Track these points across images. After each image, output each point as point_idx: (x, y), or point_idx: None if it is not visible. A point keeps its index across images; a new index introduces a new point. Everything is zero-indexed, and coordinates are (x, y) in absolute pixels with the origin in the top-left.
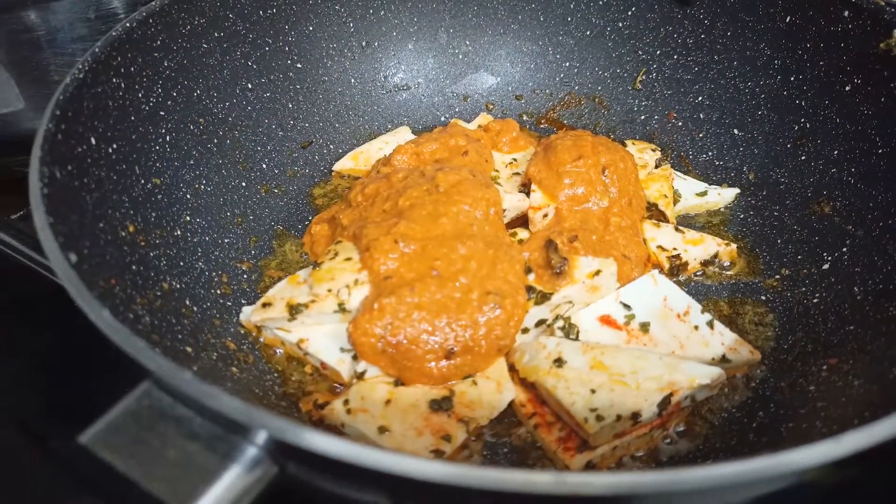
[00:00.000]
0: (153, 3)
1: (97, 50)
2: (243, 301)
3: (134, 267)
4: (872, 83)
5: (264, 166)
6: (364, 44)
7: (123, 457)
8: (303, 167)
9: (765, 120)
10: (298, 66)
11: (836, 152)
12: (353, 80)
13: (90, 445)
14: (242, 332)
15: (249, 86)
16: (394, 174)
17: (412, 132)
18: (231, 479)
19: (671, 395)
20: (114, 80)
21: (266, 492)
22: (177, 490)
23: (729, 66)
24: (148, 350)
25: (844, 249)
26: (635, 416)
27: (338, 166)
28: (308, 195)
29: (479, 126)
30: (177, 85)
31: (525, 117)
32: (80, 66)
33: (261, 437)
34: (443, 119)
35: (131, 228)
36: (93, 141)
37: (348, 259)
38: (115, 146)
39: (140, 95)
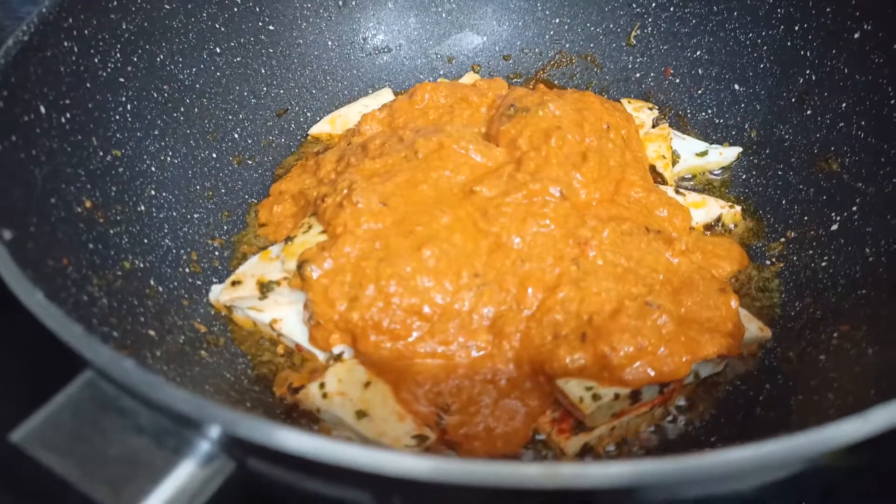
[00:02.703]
0: None
1: (44, 10)
2: (214, 280)
3: (91, 245)
4: (884, 28)
5: (236, 136)
6: (341, 3)
7: (61, 456)
8: (278, 136)
9: (767, 73)
10: (271, 27)
11: (843, 105)
12: (330, 43)
13: (23, 444)
14: (213, 312)
15: (218, 50)
16: (370, 141)
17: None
18: (182, 477)
19: None
20: (65, 43)
21: (224, 489)
22: (120, 491)
23: (728, 16)
24: (85, 335)
25: (854, 209)
26: (635, 394)
27: (314, 130)
28: (284, 166)
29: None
30: (137, 49)
31: (514, 78)
32: (25, 28)
33: (214, 430)
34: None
35: (88, 204)
36: (42, 109)
37: (324, 232)
38: (68, 115)
39: (96, 61)
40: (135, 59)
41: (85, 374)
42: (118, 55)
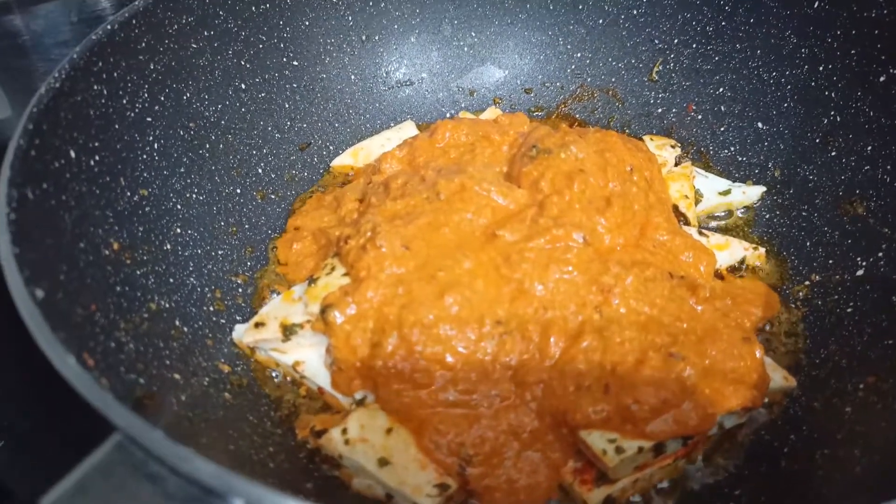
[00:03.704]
0: (137, 2)
1: (75, 56)
2: (238, 317)
3: (118, 288)
4: None
5: (260, 171)
6: (364, 38)
7: None
8: (301, 170)
9: (791, 113)
10: (294, 63)
11: (869, 148)
12: (353, 77)
13: None
14: (236, 351)
15: (243, 86)
16: (391, 180)
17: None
18: None
19: None
20: (94, 86)
21: None
22: None
23: (752, 54)
24: (115, 404)
25: (880, 254)
26: (658, 447)
27: (336, 162)
28: (302, 199)
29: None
30: (164, 88)
31: (535, 111)
32: (57, 75)
33: (239, 502)
34: (448, 116)
35: (116, 246)
36: (72, 154)
37: (346, 274)
38: (97, 158)
39: (125, 102)
40: (162, 99)
41: (114, 437)
42: (146, 95)
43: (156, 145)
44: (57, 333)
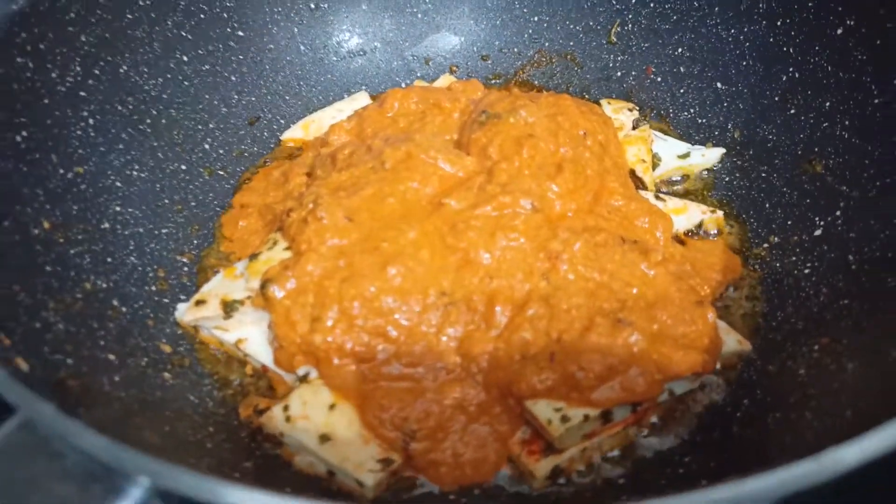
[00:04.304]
0: None
1: None
2: (182, 297)
3: (48, 268)
4: (867, 24)
5: (207, 146)
6: (313, 6)
7: None
8: (250, 145)
9: (750, 71)
10: (240, 33)
11: (827, 104)
12: (302, 48)
13: None
14: (179, 332)
15: (185, 59)
16: (338, 152)
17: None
18: None
19: None
20: (18, 59)
21: None
22: None
23: (710, 11)
24: (8, 380)
25: (838, 213)
26: (606, 414)
27: (286, 135)
28: (251, 173)
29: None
30: (98, 61)
31: (493, 79)
32: None
33: (143, 480)
34: (403, 86)
35: (47, 225)
36: None
37: (289, 248)
38: (24, 133)
39: (54, 76)
40: (96, 72)
41: (19, 415)
42: (78, 68)
43: (91, 121)
44: None
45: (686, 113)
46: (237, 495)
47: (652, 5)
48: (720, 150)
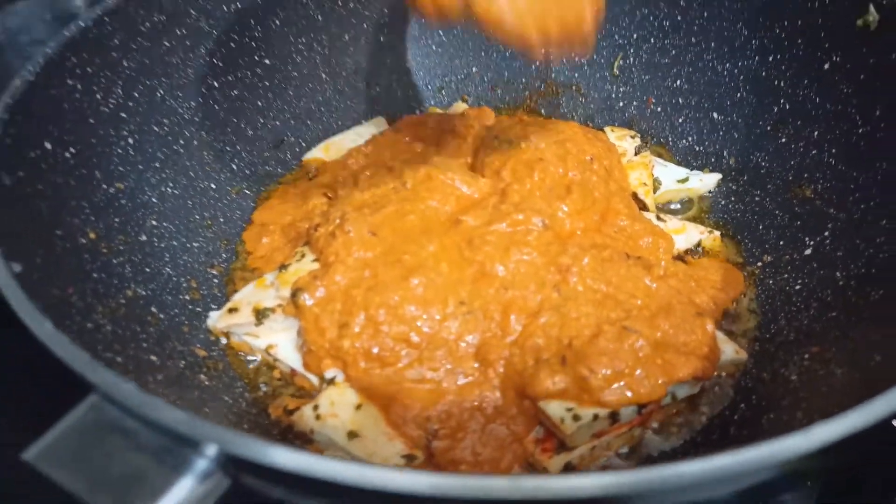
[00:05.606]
0: (109, 0)
1: (49, 51)
2: (213, 306)
3: (95, 275)
4: (851, 60)
5: (234, 167)
6: (334, 38)
7: (69, 472)
8: (274, 167)
9: (744, 102)
10: (266, 62)
11: (816, 133)
12: (323, 76)
13: (34, 462)
14: (212, 338)
15: (216, 84)
16: (360, 173)
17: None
18: (180, 493)
19: None
20: (68, 81)
21: None
22: None
23: (706, 47)
24: (90, 361)
25: (826, 233)
26: (613, 415)
27: (307, 157)
28: (271, 193)
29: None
30: (138, 85)
31: (502, 108)
32: (31, 68)
33: (211, 449)
34: (418, 112)
35: (92, 235)
36: (47, 145)
37: (316, 260)
38: (72, 150)
39: (98, 97)
40: (136, 95)
41: (90, 398)
42: (119, 91)
43: (130, 140)
44: (33, 303)
45: (684, 141)
46: (292, 457)
47: (652, 41)
48: (717, 176)
